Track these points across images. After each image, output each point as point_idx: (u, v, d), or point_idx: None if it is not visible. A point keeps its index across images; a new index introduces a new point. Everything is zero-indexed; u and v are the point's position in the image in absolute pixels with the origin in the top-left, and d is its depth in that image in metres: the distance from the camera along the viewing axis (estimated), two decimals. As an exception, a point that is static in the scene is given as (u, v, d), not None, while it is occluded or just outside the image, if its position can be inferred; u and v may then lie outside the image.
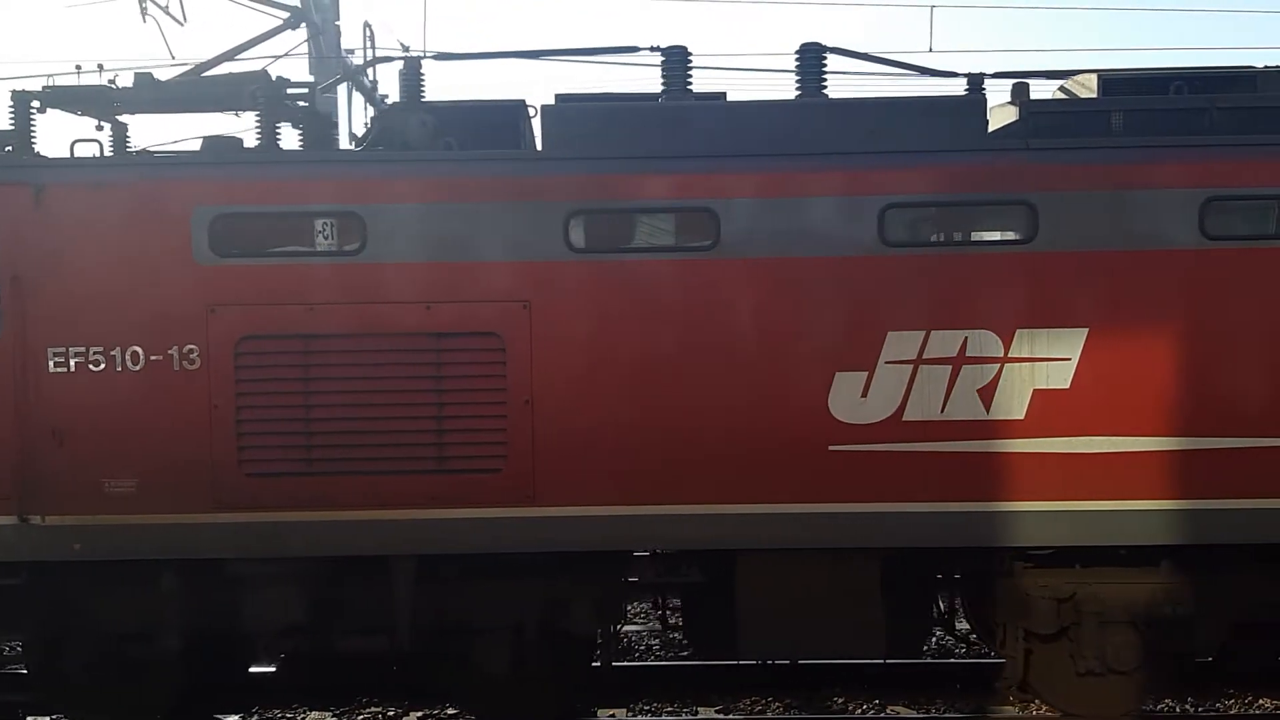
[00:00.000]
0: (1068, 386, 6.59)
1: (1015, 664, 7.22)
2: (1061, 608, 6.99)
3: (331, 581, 6.96)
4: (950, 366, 6.63)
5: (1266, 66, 7.72)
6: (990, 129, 7.34)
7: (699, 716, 8.05)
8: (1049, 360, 6.59)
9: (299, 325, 6.64)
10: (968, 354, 6.62)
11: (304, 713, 8.12)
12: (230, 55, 8.10)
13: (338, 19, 18.05)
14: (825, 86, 7.29)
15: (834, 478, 6.66)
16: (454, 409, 6.67)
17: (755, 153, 6.71)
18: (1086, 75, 7.57)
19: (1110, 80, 7.30)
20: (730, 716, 8.02)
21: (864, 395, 6.65)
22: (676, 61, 7.35)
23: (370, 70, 21.29)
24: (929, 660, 8.87)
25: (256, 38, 8.13)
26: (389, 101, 8.72)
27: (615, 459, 6.67)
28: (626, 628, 10.17)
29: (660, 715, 8.11)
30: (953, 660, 9.28)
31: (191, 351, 6.67)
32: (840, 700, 8.22)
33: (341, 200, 6.68)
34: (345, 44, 19.27)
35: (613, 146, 6.79)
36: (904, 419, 6.64)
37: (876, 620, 6.97)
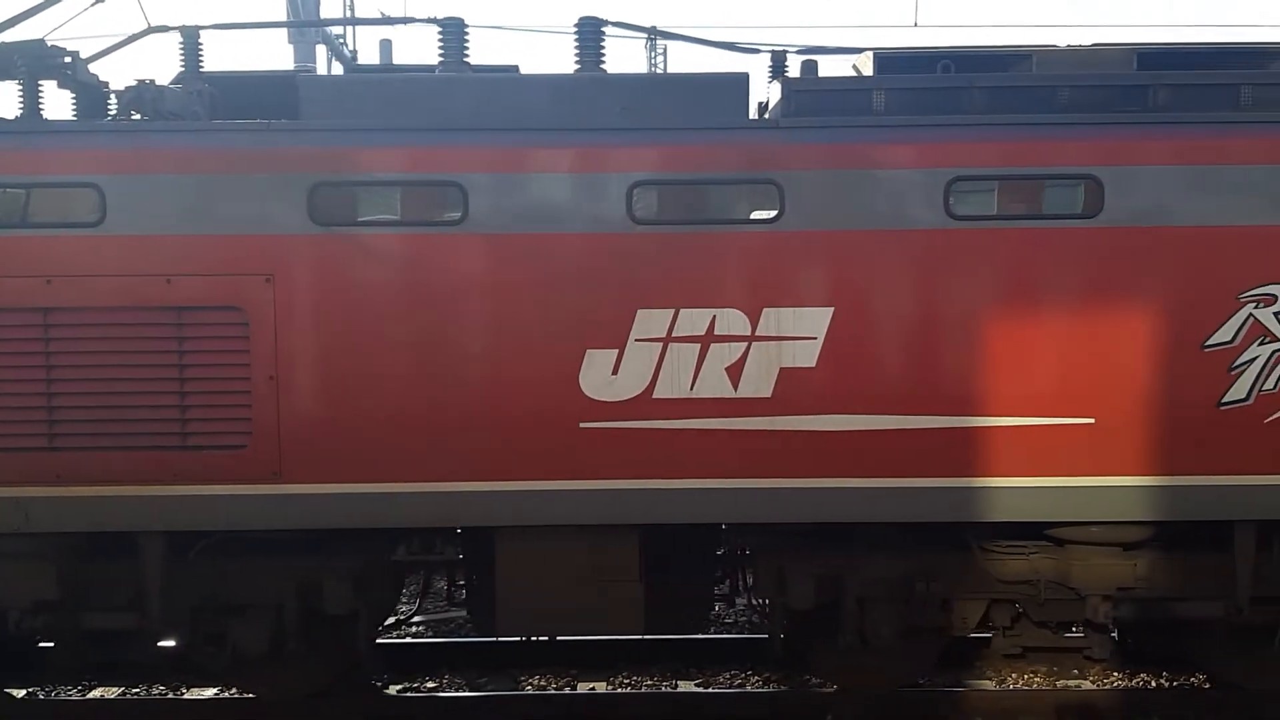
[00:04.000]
0: (813, 365, 6.60)
1: (777, 639, 7.26)
2: (820, 584, 7.05)
3: (80, 558, 6.88)
4: (699, 345, 6.62)
5: (1070, 45, 7.75)
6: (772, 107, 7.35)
7: (679, 690, 8.08)
8: (795, 339, 6.60)
9: (38, 298, 6.51)
10: (716, 332, 6.60)
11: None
12: (13, 22, 7.88)
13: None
14: (604, 61, 7.26)
15: (586, 455, 6.64)
16: (197, 384, 6.58)
17: (504, 127, 6.65)
18: (867, 54, 7.55)
19: (882, 58, 7.27)
20: (710, 689, 8.04)
21: (614, 373, 6.62)
22: (452, 33, 7.28)
23: (350, 38, 21.15)
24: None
25: (42, 3, 7.91)
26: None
27: (364, 436, 6.60)
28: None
29: (640, 688, 8.14)
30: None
31: None
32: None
33: (80, 171, 6.54)
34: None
35: (362, 118, 6.71)
36: (654, 396, 6.62)
37: (633, 597, 6.99)
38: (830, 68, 7.68)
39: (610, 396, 6.64)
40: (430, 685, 8.28)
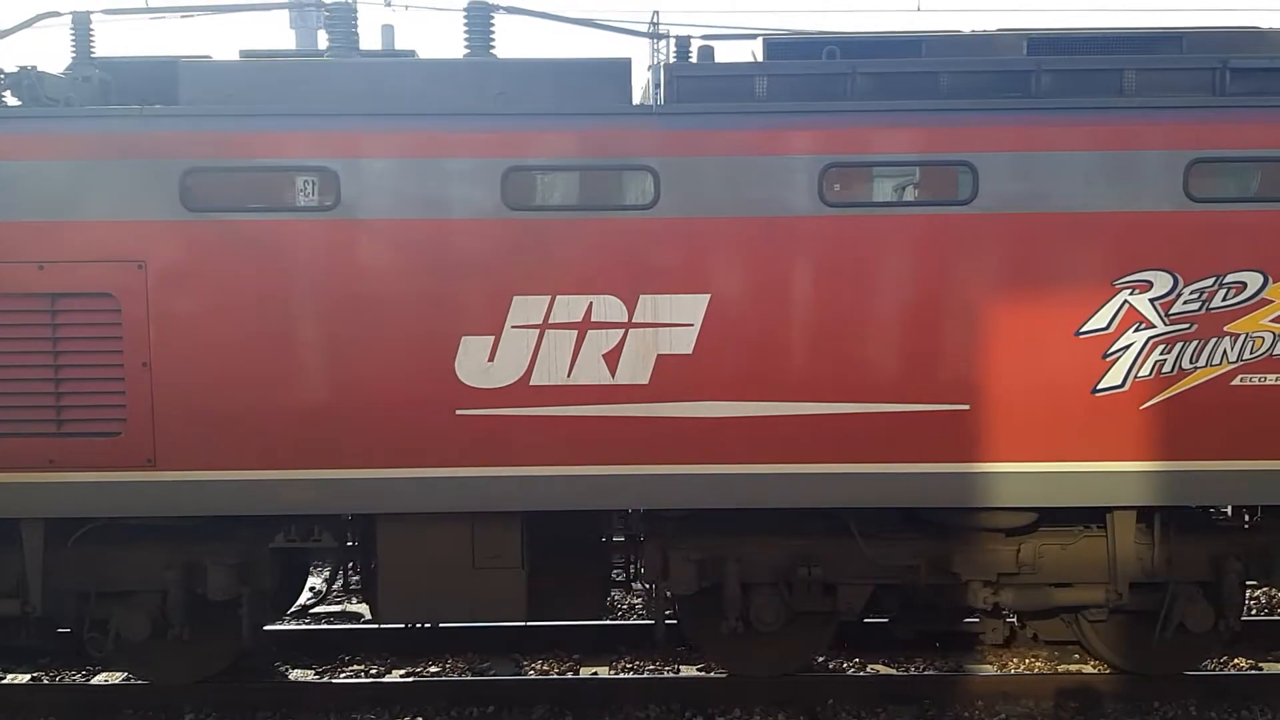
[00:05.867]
0: (690, 352, 6.59)
1: (661, 624, 7.27)
2: (701, 569, 7.06)
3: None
4: (576, 331, 6.60)
5: (974, 32, 7.71)
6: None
7: (681, 675, 8.10)
8: (671, 326, 6.59)
9: None
10: (593, 319, 6.59)
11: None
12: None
13: (321, -40, 17.83)
14: (494, 46, 7.22)
15: (462, 442, 6.63)
16: (71, 371, 6.56)
17: (378, 112, 6.61)
18: (760, 39, 7.51)
19: (771, 44, 7.25)
20: (713, 674, 8.03)
21: (491, 359, 6.61)
22: (340, 18, 7.25)
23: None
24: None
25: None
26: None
27: (241, 423, 6.59)
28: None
29: (642, 674, 8.16)
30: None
31: None
32: (820, 659, 8.23)
33: None
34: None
35: (239, 104, 6.67)
36: (531, 383, 6.62)
37: (513, 584, 6.99)
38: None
39: (487, 384, 6.62)
40: (434, 670, 8.32)
